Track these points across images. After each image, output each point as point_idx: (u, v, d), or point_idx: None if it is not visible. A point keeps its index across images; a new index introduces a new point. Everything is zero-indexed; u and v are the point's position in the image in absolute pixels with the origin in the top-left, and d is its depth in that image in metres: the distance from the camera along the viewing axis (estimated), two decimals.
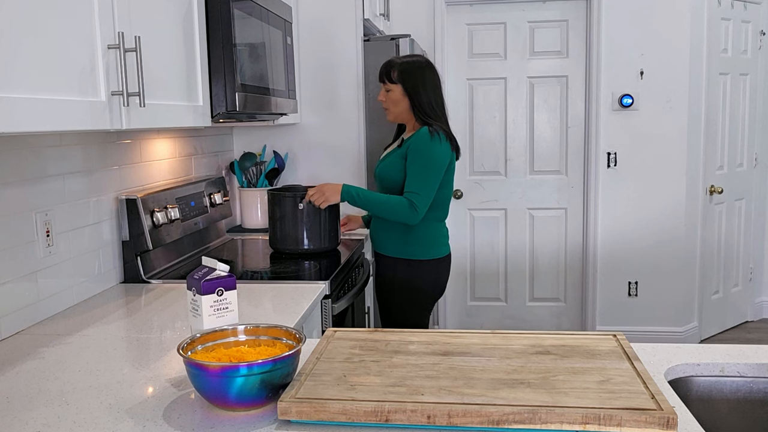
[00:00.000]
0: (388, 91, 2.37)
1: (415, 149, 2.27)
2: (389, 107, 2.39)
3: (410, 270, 2.38)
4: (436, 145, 2.26)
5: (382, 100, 2.40)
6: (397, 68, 2.35)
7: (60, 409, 1.17)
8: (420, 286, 2.39)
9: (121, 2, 1.46)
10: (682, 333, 4.15)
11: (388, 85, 2.36)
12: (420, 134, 2.29)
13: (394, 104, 2.37)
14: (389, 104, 2.38)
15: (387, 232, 2.40)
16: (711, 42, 4.00)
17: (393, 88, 2.36)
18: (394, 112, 2.39)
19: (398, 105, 2.36)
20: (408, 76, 2.34)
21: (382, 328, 1.46)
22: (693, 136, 4.02)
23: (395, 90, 2.35)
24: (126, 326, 1.67)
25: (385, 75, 2.37)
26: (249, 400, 1.11)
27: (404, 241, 2.37)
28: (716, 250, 4.30)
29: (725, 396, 1.36)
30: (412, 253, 2.37)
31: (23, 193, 1.67)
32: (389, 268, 2.41)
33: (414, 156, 2.27)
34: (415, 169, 2.26)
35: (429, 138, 2.27)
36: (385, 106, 2.41)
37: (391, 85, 2.36)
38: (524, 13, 4.07)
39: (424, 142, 2.27)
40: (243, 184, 3.06)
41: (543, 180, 4.18)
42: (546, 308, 4.32)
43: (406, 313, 2.42)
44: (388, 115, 2.42)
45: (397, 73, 2.34)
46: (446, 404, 1.06)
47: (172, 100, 1.73)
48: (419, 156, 2.26)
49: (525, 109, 4.14)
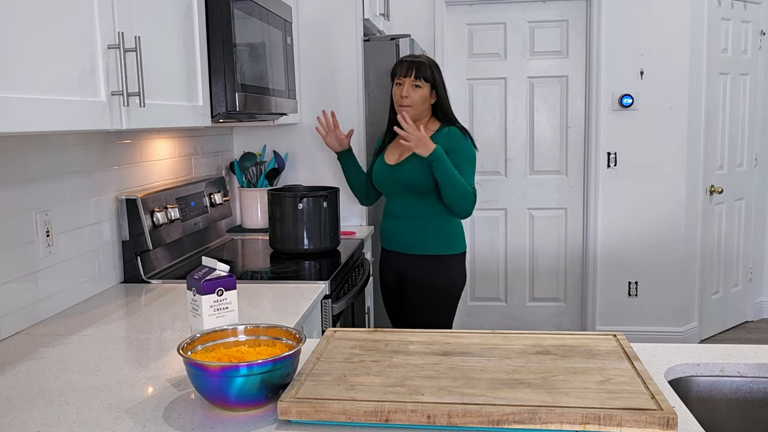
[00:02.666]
0: (417, 87, 2.33)
1: (458, 147, 2.31)
2: (414, 104, 2.34)
3: (447, 265, 2.39)
4: (470, 143, 2.35)
5: (406, 96, 2.33)
6: (430, 67, 2.35)
7: (60, 409, 1.17)
8: (457, 280, 2.41)
9: (121, 2, 1.46)
10: (682, 333, 4.15)
11: (419, 81, 2.33)
12: (454, 134, 2.34)
13: (422, 102, 2.35)
14: (416, 101, 2.34)
15: (423, 230, 2.37)
16: (711, 42, 4.00)
17: (424, 85, 2.34)
18: (416, 110, 2.35)
19: (424, 103, 2.36)
20: (438, 75, 2.37)
21: (382, 328, 1.46)
22: (693, 136, 4.02)
23: (425, 88, 2.34)
24: (126, 326, 1.67)
25: (417, 71, 2.32)
26: (249, 400, 1.11)
27: (443, 236, 2.38)
28: (716, 250, 4.30)
29: (725, 396, 1.36)
30: (453, 248, 2.39)
31: (23, 193, 1.67)
32: (420, 268, 2.38)
33: (458, 154, 2.30)
34: (464, 164, 2.31)
35: (463, 137, 2.34)
36: (408, 103, 2.34)
37: (423, 83, 2.33)
38: (524, 13, 4.07)
39: (461, 141, 2.33)
40: (243, 184, 3.06)
41: (543, 180, 4.18)
42: (546, 308, 4.32)
43: (441, 311, 2.40)
44: (407, 112, 2.34)
45: (430, 71, 2.34)
46: (446, 404, 1.06)
47: (172, 100, 1.73)
48: (462, 154, 2.31)
49: (525, 109, 4.14)
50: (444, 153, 2.24)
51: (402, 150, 2.42)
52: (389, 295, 2.56)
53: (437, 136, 2.34)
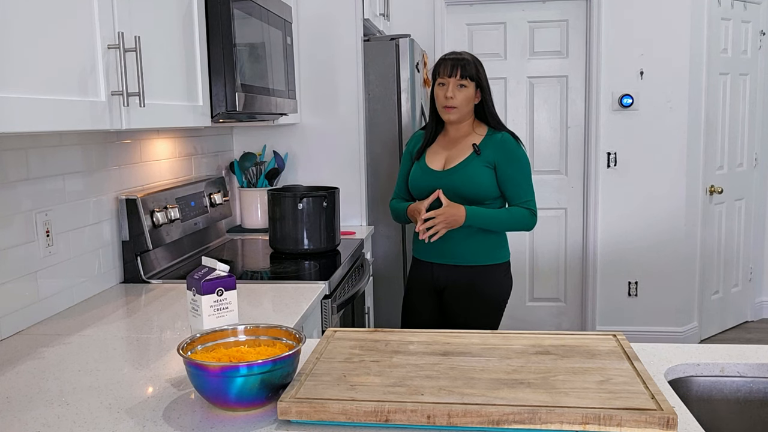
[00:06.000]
0: (462, 87, 2.19)
1: (513, 158, 2.21)
2: (459, 105, 2.20)
3: (495, 275, 2.27)
4: (522, 150, 2.25)
5: (452, 97, 2.19)
6: (475, 65, 2.21)
7: (60, 409, 1.17)
8: (505, 289, 2.31)
9: (121, 2, 1.46)
10: (682, 333, 4.15)
11: (465, 81, 2.18)
12: (508, 142, 2.22)
13: (467, 102, 2.21)
14: (461, 102, 2.20)
15: (470, 239, 2.24)
16: (711, 42, 4.00)
17: (469, 85, 2.20)
18: (461, 112, 2.22)
19: (470, 104, 2.22)
20: (483, 73, 2.24)
21: (382, 328, 1.46)
22: (693, 136, 4.02)
23: (470, 87, 2.20)
24: (126, 326, 1.67)
25: (462, 70, 2.18)
26: (249, 400, 1.11)
27: (492, 245, 2.26)
28: (716, 250, 4.30)
29: (725, 396, 1.36)
30: (499, 257, 2.28)
31: (23, 193, 1.67)
32: (467, 278, 2.25)
33: (513, 165, 2.21)
34: (520, 177, 2.21)
35: (516, 145, 2.24)
36: (453, 104, 2.19)
37: (469, 83, 2.19)
38: (524, 13, 4.07)
39: (515, 150, 2.22)
40: (243, 184, 3.06)
41: (543, 180, 4.17)
42: (546, 308, 4.32)
43: (490, 320, 2.29)
44: (452, 114, 2.21)
45: (476, 69, 2.20)
46: (446, 404, 1.06)
47: (172, 100, 1.73)
48: (518, 164, 2.22)
49: (525, 109, 4.14)
50: (475, 209, 2.15)
51: (448, 155, 2.27)
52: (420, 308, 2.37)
53: (488, 143, 2.22)
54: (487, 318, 2.28)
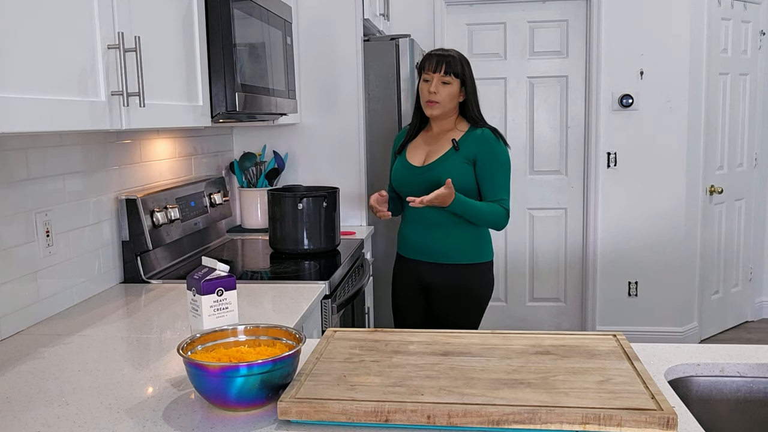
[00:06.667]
0: (446, 84, 2.21)
1: (491, 154, 2.21)
2: (442, 101, 2.22)
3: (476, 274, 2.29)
4: (503, 146, 2.25)
5: (435, 92, 2.21)
6: (460, 62, 2.22)
7: (60, 409, 1.17)
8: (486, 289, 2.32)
9: (121, 2, 1.46)
10: (682, 333, 4.15)
11: (449, 77, 2.21)
12: (488, 137, 2.23)
13: (450, 99, 2.23)
14: (444, 98, 2.22)
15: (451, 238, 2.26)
16: (711, 42, 4.00)
17: (453, 82, 2.21)
18: (444, 107, 2.24)
19: (453, 100, 2.24)
20: (468, 71, 2.25)
21: (382, 328, 1.46)
22: (693, 136, 4.02)
23: (455, 85, 2.22)
24: (126, 326, 1.67)
25: (447, 66, 2.20)
26: (249, 400, 1.11)
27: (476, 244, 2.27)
28: (716, 250, 4.30)
29: (725, 396, 1.36)
30: (482, 256, 2.29)
31: (23, 193, 1.67)
32: (448, 277, 2.28)
33: (491, 161, 2.21)
34: (496, 174, 2.22)
35: (497, 141, 2.23)
36: (436, 99, 2.21)
37: (453, 79, 2.21)
38: (524, 13, 4.07)
39: (495, 145, 2.22)
40: (243, 184, 3.06)
41: (543, 180, 4.18)
42: (546, 308, 4.32)
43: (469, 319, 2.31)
44: (435, 109, 2.23)
45: (461, 67, 2.22)
46: (446, 404, 1.06)
47: (172, 100, 1.73)
48: (496, 160, 2.22)
49: (525, 109, 4.14)
50: (461, 197, 2.14)
51: (429, 150, 2.29)
52: (406, 304, 2.41)
53: (468, 139, 2.23)
54: (468, 316, 2.30)
